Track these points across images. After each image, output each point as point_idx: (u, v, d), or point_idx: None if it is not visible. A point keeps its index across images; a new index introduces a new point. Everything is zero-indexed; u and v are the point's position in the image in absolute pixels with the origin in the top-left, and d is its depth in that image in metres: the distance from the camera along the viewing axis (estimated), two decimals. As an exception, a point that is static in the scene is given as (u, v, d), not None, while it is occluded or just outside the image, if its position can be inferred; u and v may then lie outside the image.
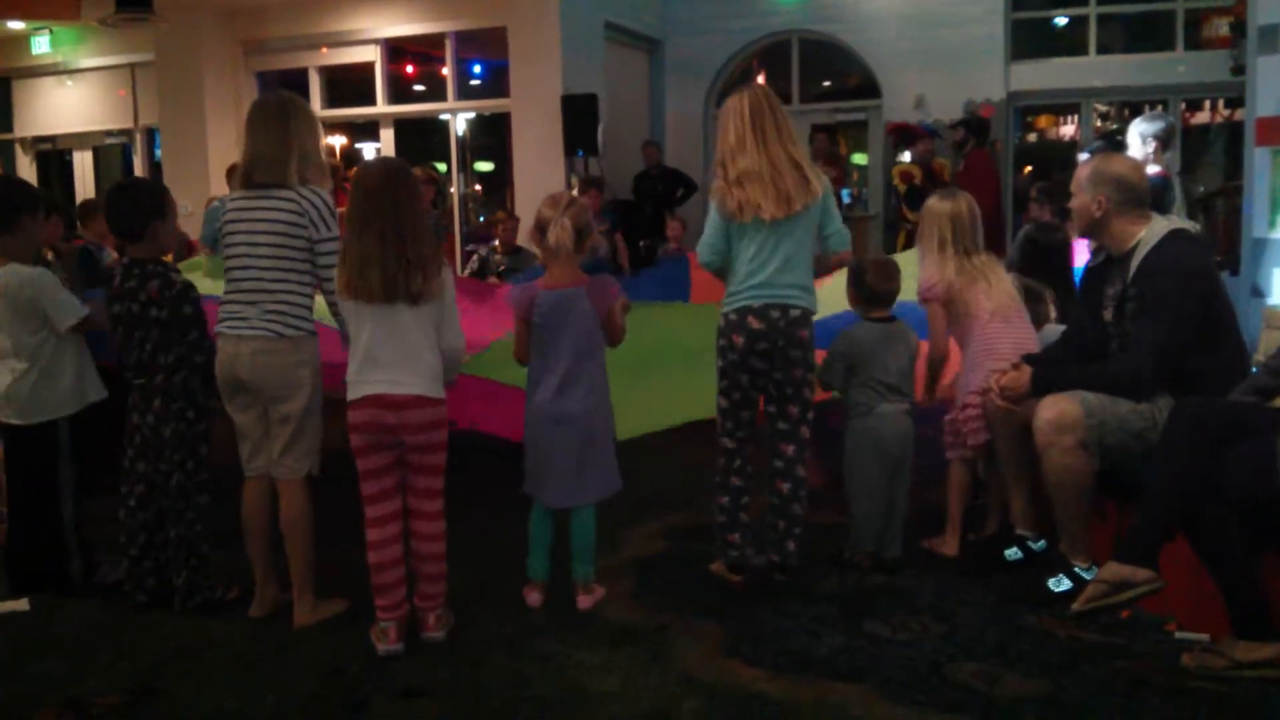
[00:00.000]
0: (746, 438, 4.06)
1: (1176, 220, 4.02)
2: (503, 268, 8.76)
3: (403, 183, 3.57)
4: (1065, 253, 5.37)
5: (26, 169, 14.22)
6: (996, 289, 4.32)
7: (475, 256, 9.09)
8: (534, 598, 3.94)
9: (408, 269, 3.47)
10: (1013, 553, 4.16)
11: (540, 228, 3.81)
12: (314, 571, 3.84)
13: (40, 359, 4.10)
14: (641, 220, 10.91)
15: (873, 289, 4.24)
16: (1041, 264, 5.11)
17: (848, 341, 4.22)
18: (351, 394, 3.55)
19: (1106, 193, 3.85)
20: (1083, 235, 4.14)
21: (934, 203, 4.47)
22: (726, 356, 3.95)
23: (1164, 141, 6.34)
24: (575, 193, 9.75)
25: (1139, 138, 6.35)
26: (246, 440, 3.88)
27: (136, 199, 4.01)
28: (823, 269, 4.09)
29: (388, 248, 3.46)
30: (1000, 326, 4.29)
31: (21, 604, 4.06)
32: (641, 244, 10.71)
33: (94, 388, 4.25)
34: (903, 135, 11.72)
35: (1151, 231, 3.81)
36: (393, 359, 3.51)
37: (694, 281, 7.00)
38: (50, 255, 5.82)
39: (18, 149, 14.21)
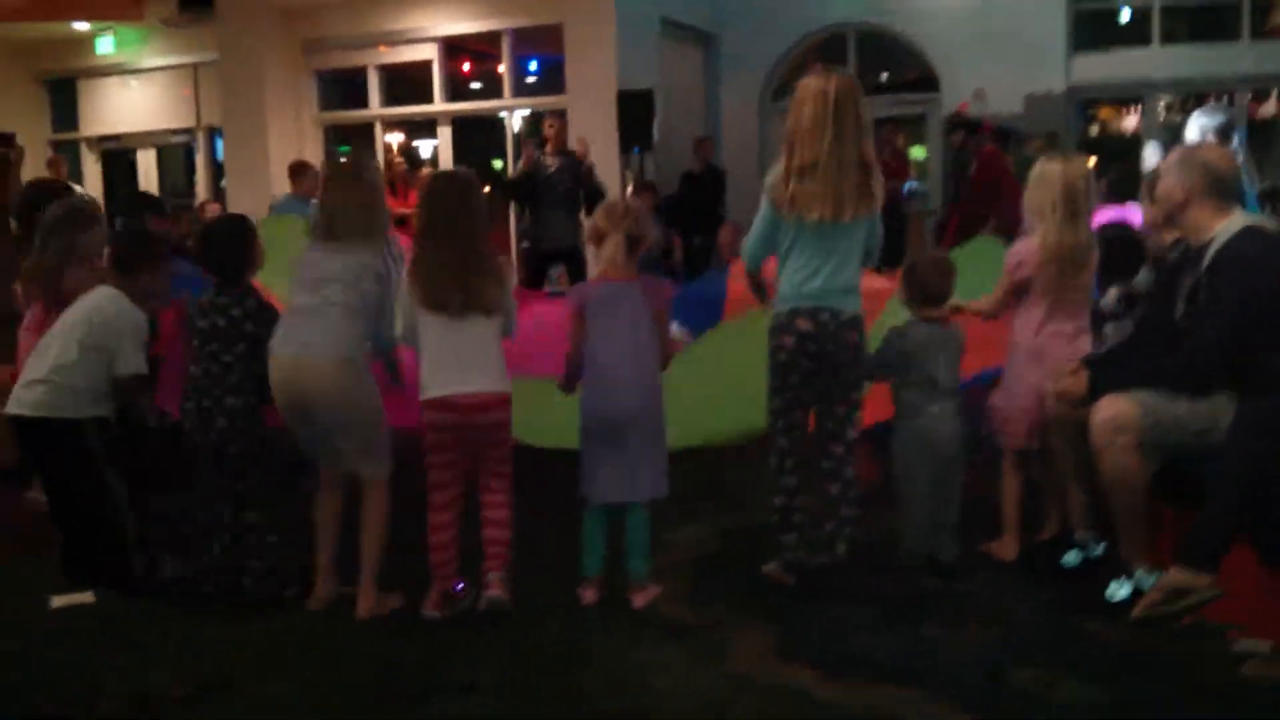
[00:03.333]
0: (799, 437, 4.05)
1: (1257, 216, 3.95)
2: (552, 169, 8.85)
3: (472, 195, 3.88)
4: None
5: (91, 168, 14.52)
6: (1084, 273, 4.21)
7: (526, 158, 9.16)
8: (589, 595, 3.97)
9: (483, 281, 3.76)
10: (1071, 556, 4.11)
11: (596, 238, 3.96)
12: (377, 568, 3.93)
13: (86, 368, 4.16)
14: (690, 218, 10.85)
15: (925, 287, 4.20)
16: (1121, 262, 4.92)
17: (899, 337, 4.18)
18: (424, 394, 3.80)
19: (1194, 178, 3.77)
20: (1164, 222, 4.04)
21: (1045, 165, 4.26)
22: (776, 357, 3.95)
23: (1223, 135, 6.20)
24: (630, 192, 9.79)
25: (1198, 131, 6.21)
26: (312, 451, 4.03)
27: (234, 244, 4.17)
28: None
29: (459, 260, 3.74)
30: (1059, 322, 4.19)
31: (86, 596, 4.14)
32: (696, 240, 10.68)
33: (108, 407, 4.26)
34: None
35: (1229, 225, 3.73)
36: (461, 361, 3.77)
37: (729, 294, 6.68)
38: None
39: (83, 148, 14.50)
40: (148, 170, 14.45)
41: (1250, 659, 3.27)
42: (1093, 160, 12.09)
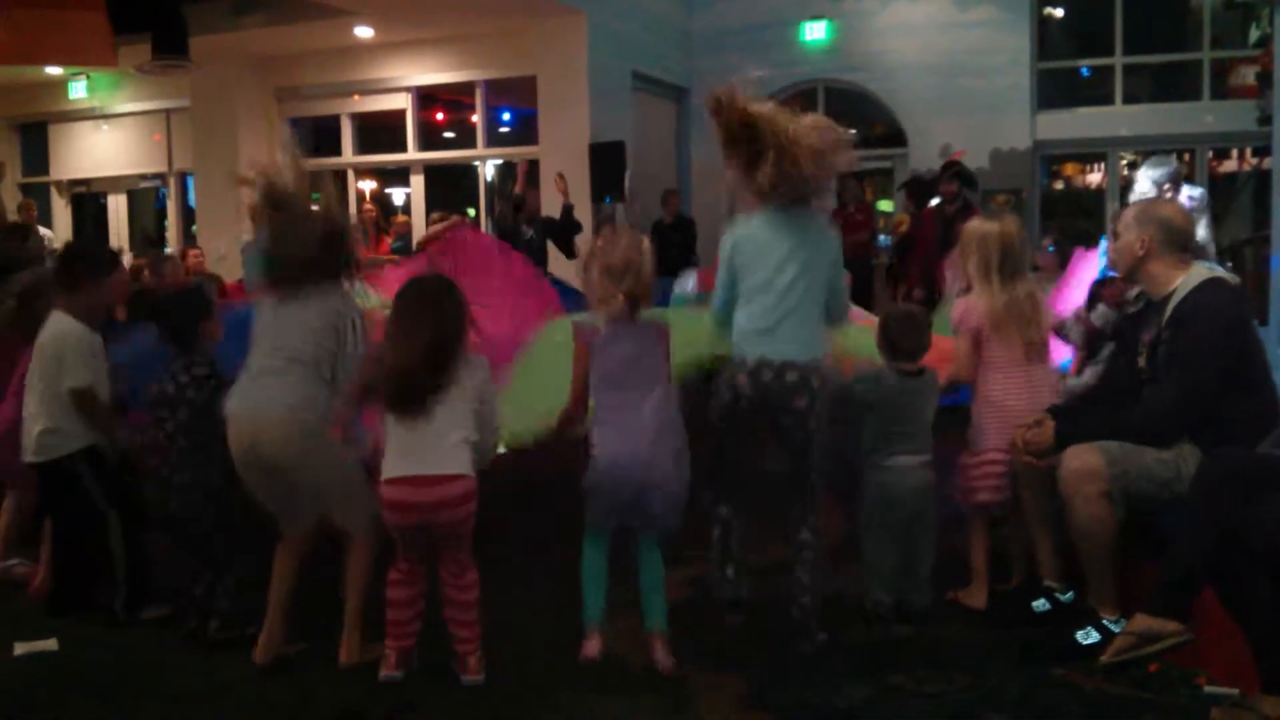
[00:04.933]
0: (734, 486, 4.03)
1: (1217, 269, 4.02)
2: (529, 234, 8.87)
3: (446, 299, 3.68)
4: None
5: (61, 211, 14.49)
6: (1032, 327, 4.23)
7: (501, 208, 9.20)
8: (593, 647, 3.84)
9: (443, 380, 3.59)
10: (1040, 604, 4.11)
11: (600, 299, 3.81)
12: (363, 618, 3.85)
13: (49, 406, 4.27)
14: (662, 267, 10.94)
15: (898, 343, 4.19)
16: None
17: (872, 382, 4.18)
18: (384, 473, 3.64)
19: (1151, 233, 3.84)
20: (1124, 277, 4.11)
21: (978, 225, 4.36)
22: (719, 407, 3.92)
23: (1175, 184, 6.31)
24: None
25: (1151, 185, 6.27)
26: (274, 509, 3.93)
27: (188, 314, 4.19)
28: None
29: (425, 366, 3.56)
30: (1021, 376, 4.22)
31: (50, 644, 4.10)
32: (668, 290, 10.78)
33: (91, 432, 4.34)
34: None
35: (1190, 278, 3.81)
36: (422, 445, 3.59)
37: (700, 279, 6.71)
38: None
39: (53, 191, 14.48)
40: (118, 214, 14.43)
41: (1219, 705, 3.28)
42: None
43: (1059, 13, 13.09)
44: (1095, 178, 13.08)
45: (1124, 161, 12.69)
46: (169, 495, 4.05)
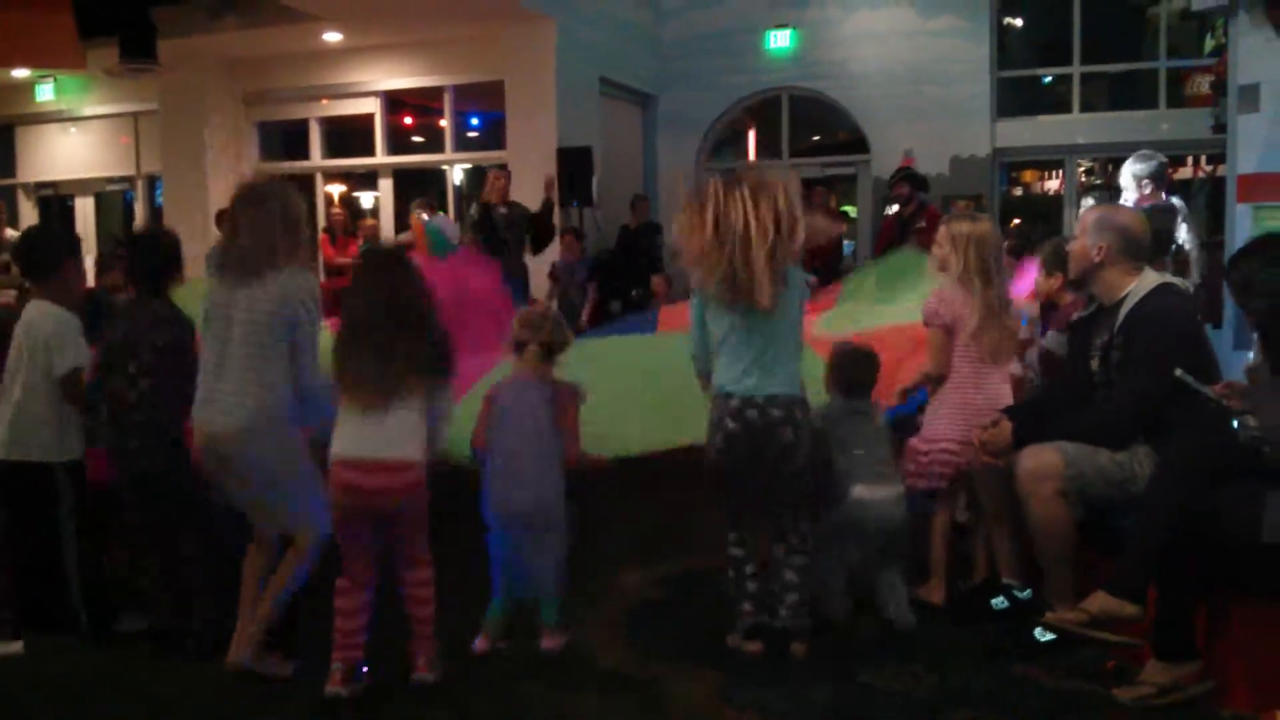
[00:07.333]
0: (745, 516, 4.04)
1: (1167, 275, 4.14)
2: (505, 214, 8.97)
3: (398, 274, 3.67)
4: None
5: (28, 214, 14.34)
6: (1001, 331, 4.32)
7: (475, 206, 9.24)
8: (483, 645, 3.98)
9: (405, 381, 3.55)
10: (999, 601, 4.21)
11: (516, 345, 3.98)
12: (268, 623, 3.72)
13: (37, 398, 4.10)
14: (628, 272, 11.05)
15: (852, 379, 4.27)
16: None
17: (820, 418, 4.17)
18: (334, 449, 3.59)
19: (1109, 240, 3.93)
20: (1076, 280, 4.19)
21: (959, 225, 4.41)
22: (709, 455, 3.94)
23: (1157, 179, 6.39)
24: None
25: (1133, 180, 6.37)
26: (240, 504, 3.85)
27: (159, 252, 4.14)
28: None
29: (382, 363, 3.54)
30: (985, 372, 4.32)
31: (16, 646, 4.08)
32: (634, 293, 10.87)
33: (78, 442, 4.22)
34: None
35: (1141, 284, 3.91)
36: (374, 428, 3.55)
37: (659, 318, 6.81)
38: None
39: (20, 194, 14.33)
40: (85, 217, 14.31)
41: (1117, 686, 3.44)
42: (1015, 221, 12.60)
43: (1019, 22, 13.30)
44: (1053, 184, 13.29)
45: (1082, 169, 12.91)
46: (127, 438, 3.94)
